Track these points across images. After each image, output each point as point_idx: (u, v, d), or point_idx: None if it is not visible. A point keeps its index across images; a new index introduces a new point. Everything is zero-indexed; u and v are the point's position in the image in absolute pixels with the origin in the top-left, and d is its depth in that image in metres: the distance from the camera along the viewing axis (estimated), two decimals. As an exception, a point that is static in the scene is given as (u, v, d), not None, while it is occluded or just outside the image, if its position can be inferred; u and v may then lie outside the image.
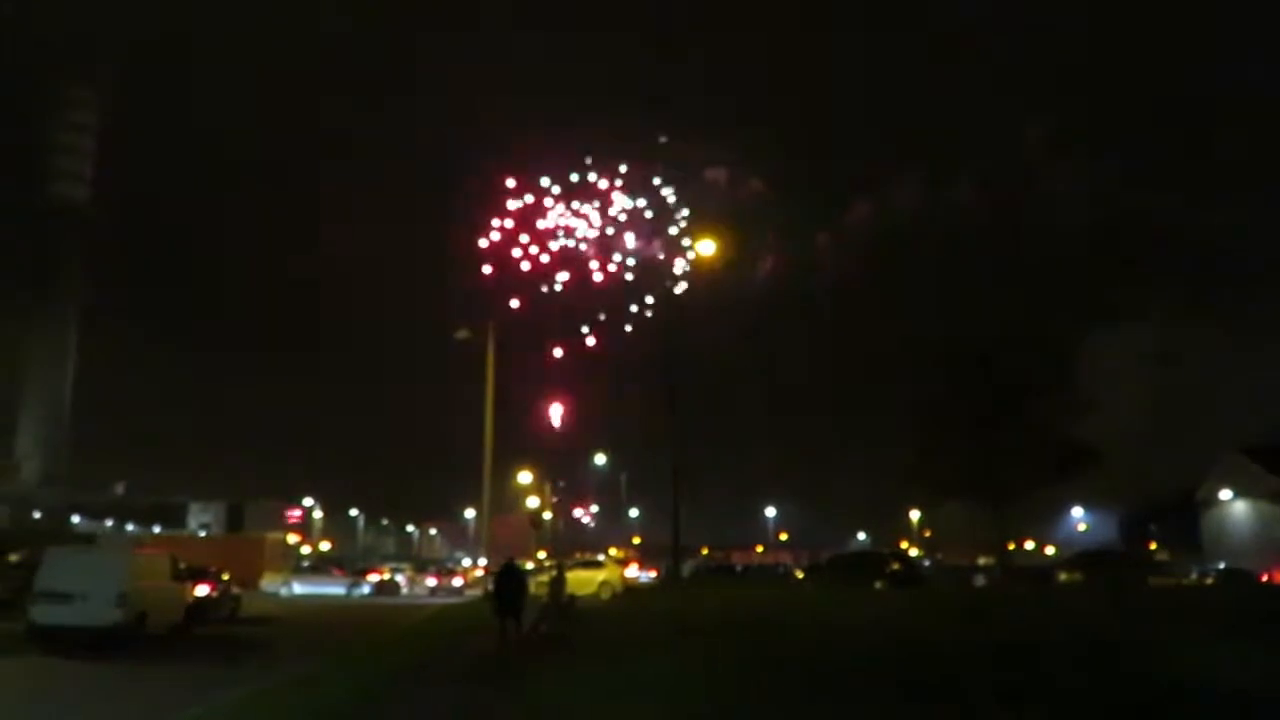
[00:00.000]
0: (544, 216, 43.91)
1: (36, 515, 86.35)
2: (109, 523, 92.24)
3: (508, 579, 20.13)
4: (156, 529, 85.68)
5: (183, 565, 24.12)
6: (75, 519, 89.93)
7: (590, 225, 43.48)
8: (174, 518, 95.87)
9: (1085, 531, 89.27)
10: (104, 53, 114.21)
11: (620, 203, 44.10)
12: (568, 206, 43.84)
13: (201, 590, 26.00)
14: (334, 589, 46.34)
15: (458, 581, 53.17)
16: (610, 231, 43.60)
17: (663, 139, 43.13)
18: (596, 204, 43.59)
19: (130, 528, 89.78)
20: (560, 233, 44.05)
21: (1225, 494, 61.28)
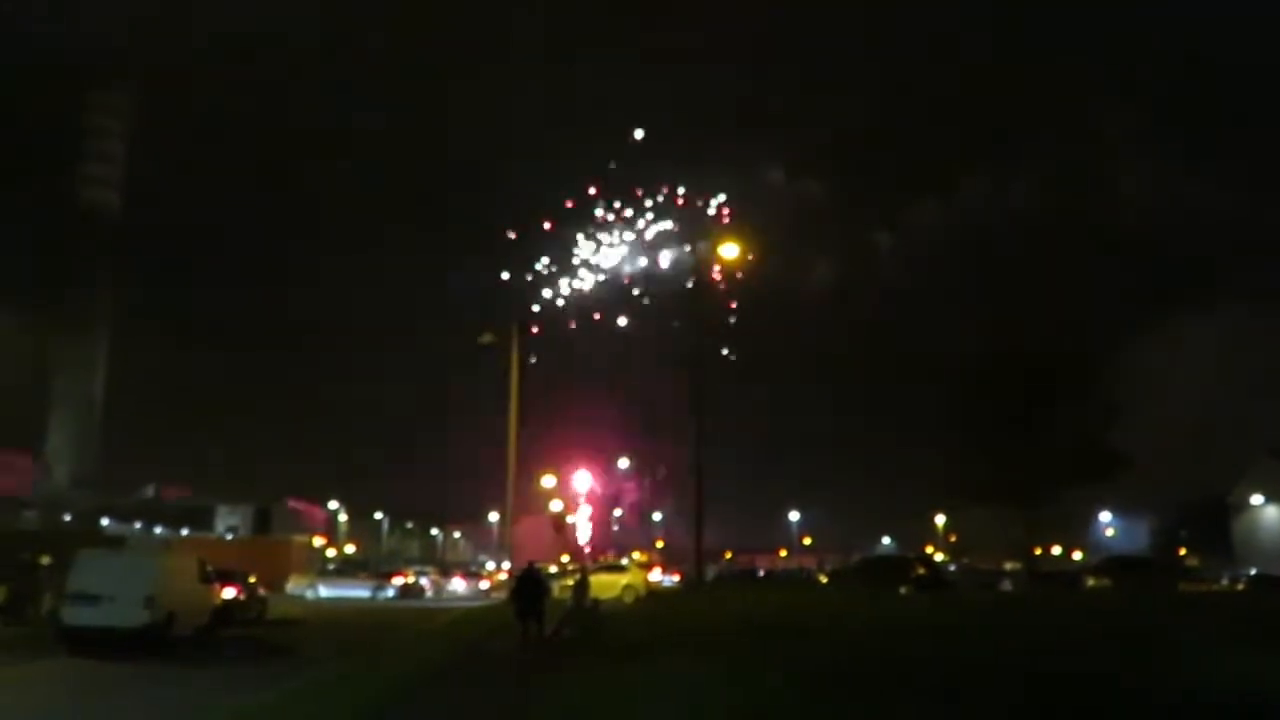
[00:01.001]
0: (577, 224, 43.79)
1: (67, 517, 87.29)
2: (138, 525, 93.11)
3: (528, 582, 20.20)
4: (184, 531, 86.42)
5: (210, 568, 24.33)
6: (105, 521, 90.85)
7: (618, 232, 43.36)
8: (202, 520, 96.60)
9: (1114, 537, 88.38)
10: (135, 57, 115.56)
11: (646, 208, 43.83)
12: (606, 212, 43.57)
13: (229, 593, 26.20)
14: (359, 592, 46.61)
15: (484, 584, 53.38)
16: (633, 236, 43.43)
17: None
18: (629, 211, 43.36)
19: (159, 530, 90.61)
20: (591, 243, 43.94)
21: (1257, 499, 60.52)
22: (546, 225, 42.85)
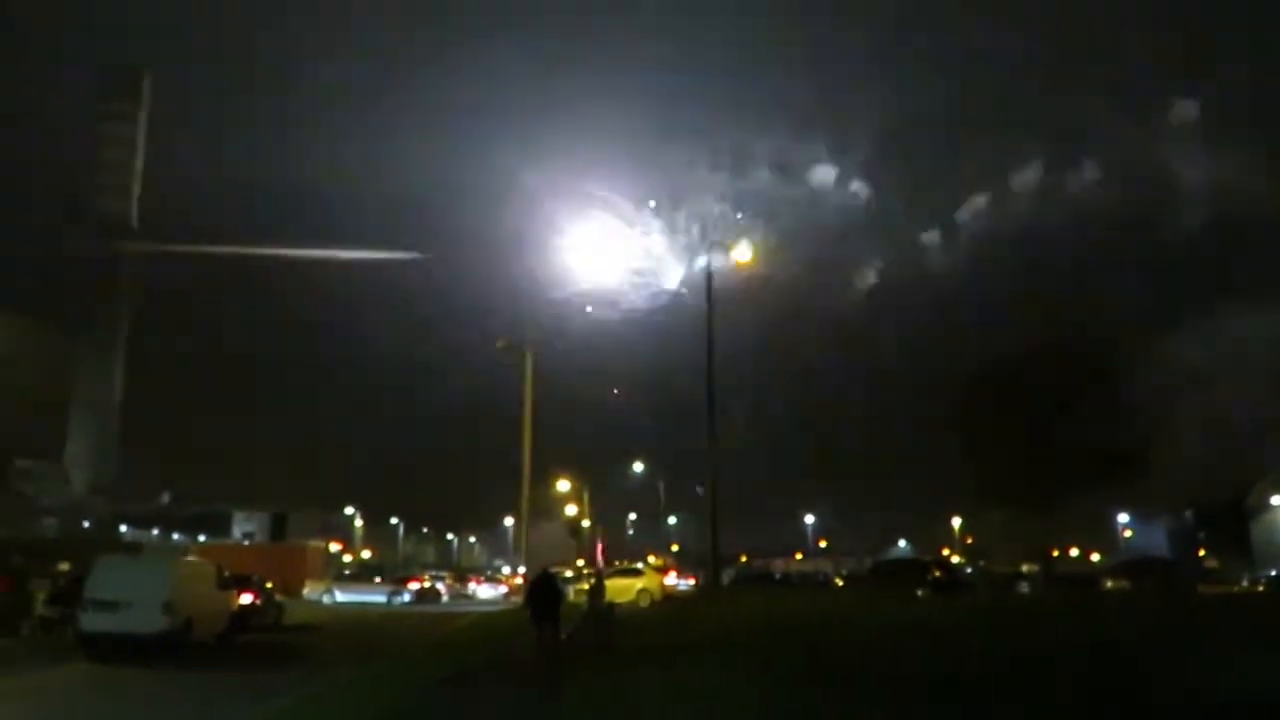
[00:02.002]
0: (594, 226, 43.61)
1: (85, 524, 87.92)
2: (155, 532, 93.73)
3: (543, 587, 20.21)
4: (201, 538, 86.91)
5: (227, 573, 24.44)
6: (122, 528, 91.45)
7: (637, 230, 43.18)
8: (219, 526, 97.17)
9: (1132, 538, 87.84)
10: (151, 68, 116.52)
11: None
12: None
13: (245, 598, 26.31)
14: (375, 597, 46.74)
15: (502, 590, 53.52)
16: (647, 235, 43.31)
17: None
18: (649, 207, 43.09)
19: (176, 537, 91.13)
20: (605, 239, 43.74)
21: (1276, 500, 60.07)
22: (566, 226, 42.75)
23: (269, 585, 30.10)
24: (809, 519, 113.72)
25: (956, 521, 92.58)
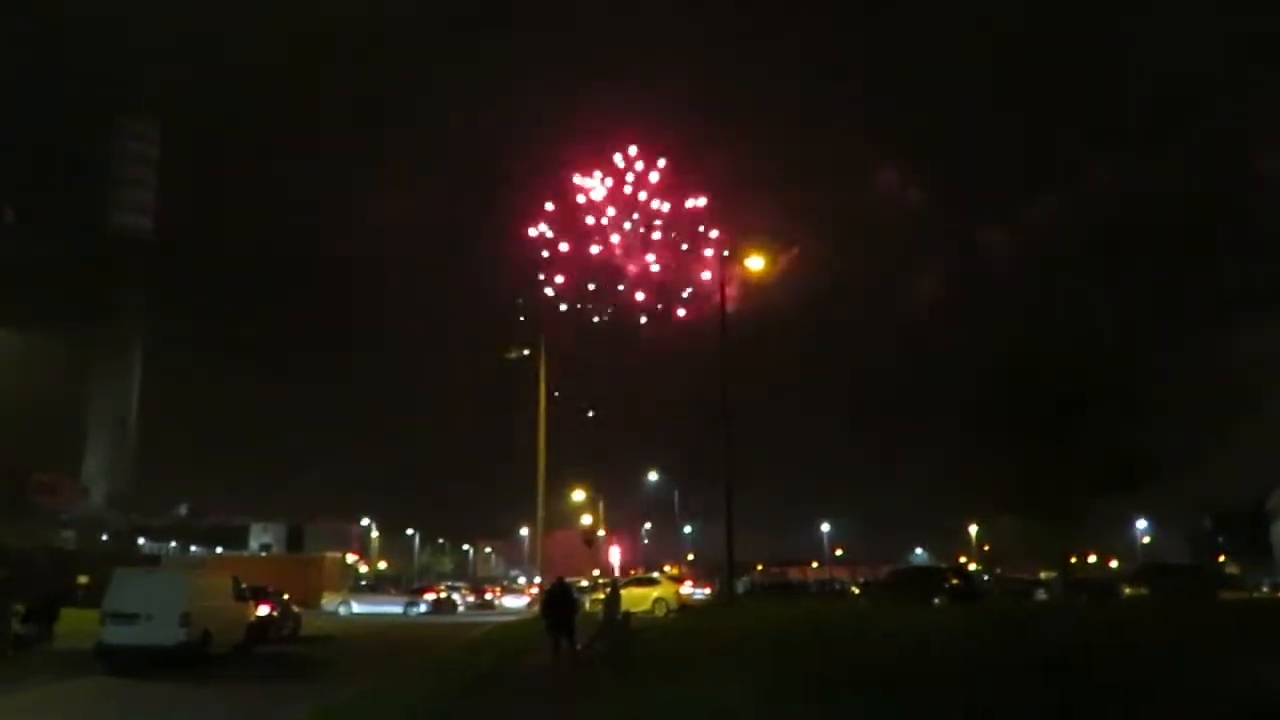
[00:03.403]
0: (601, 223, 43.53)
1: (104, 537, 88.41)
2: (173, 544, 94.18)
3: (558, 597, 20.21)
4: (219, 550, 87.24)
5: (244, 585, 24.53)
6: (140, 540, 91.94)
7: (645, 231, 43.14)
8: (236, 538, 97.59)
9: (1150, 544, 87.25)
10: (166, 84, 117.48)
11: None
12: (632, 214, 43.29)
13: (263, 610, 26.39)
14: (391, 608, 46.85)
15: (525, 599, 53.54)
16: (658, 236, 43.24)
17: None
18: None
19: (194, 549, 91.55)
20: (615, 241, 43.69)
21: (1297, 504, 59.49)
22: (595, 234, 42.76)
23: (286, 597, 30.19)
24: (825, 527, 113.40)
25: (974, 529, 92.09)
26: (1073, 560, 53.45)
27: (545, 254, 44.12)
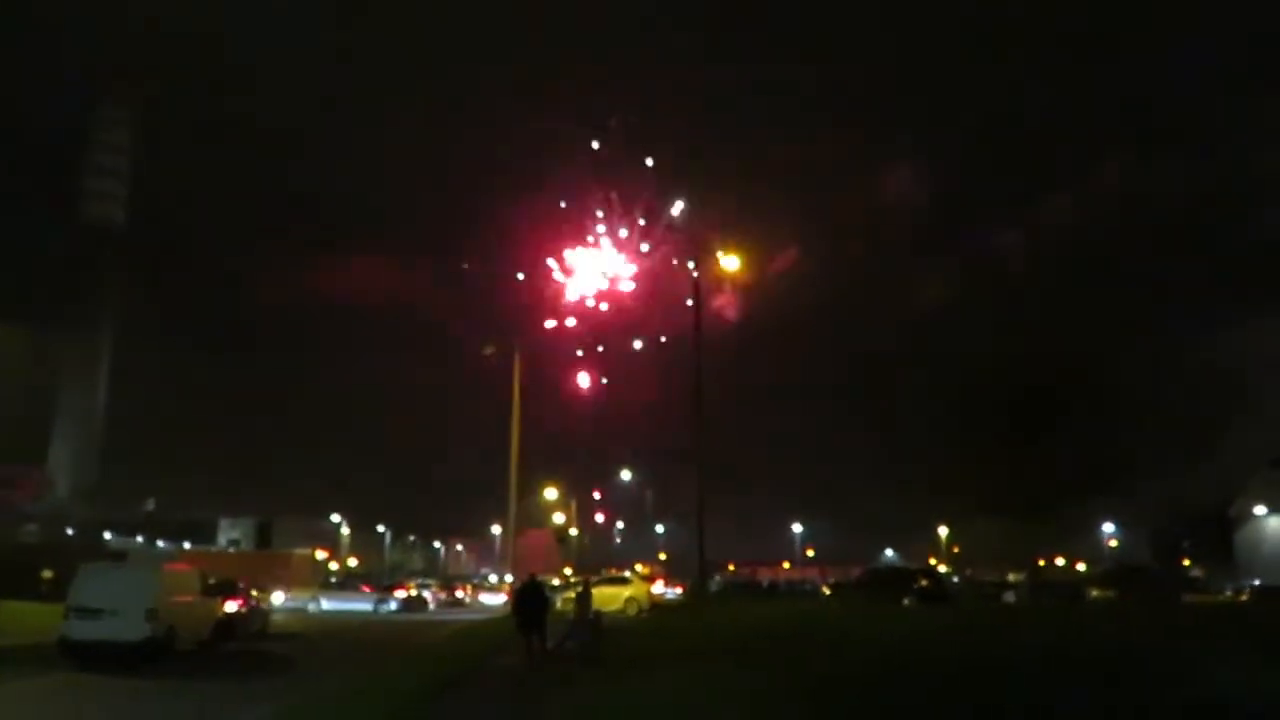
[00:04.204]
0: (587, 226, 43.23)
1: (69, 531, 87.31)
2: (139, 538, 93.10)
3: (530, 595, 20.17)
4: (186, 545, 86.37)
5: (212, 581, 24.30)
6: (106, 535, 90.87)
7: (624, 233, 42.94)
8: (204, 534, 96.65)
9: (1116, 547, 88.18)
10: (140, 72, 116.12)
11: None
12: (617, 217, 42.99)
13: (231, 606, 26.17)
14: (361, 605, 46.57)
15: (502, 597, 53.34)
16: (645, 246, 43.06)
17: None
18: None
19: (160, 543, 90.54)
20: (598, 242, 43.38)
21: (1260, 509, 60.34)
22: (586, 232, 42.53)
23: (254, 593, 29.95)
24: (797, 528, 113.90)
25: (944, 530, 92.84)
26: (1041, 563, 54.02)
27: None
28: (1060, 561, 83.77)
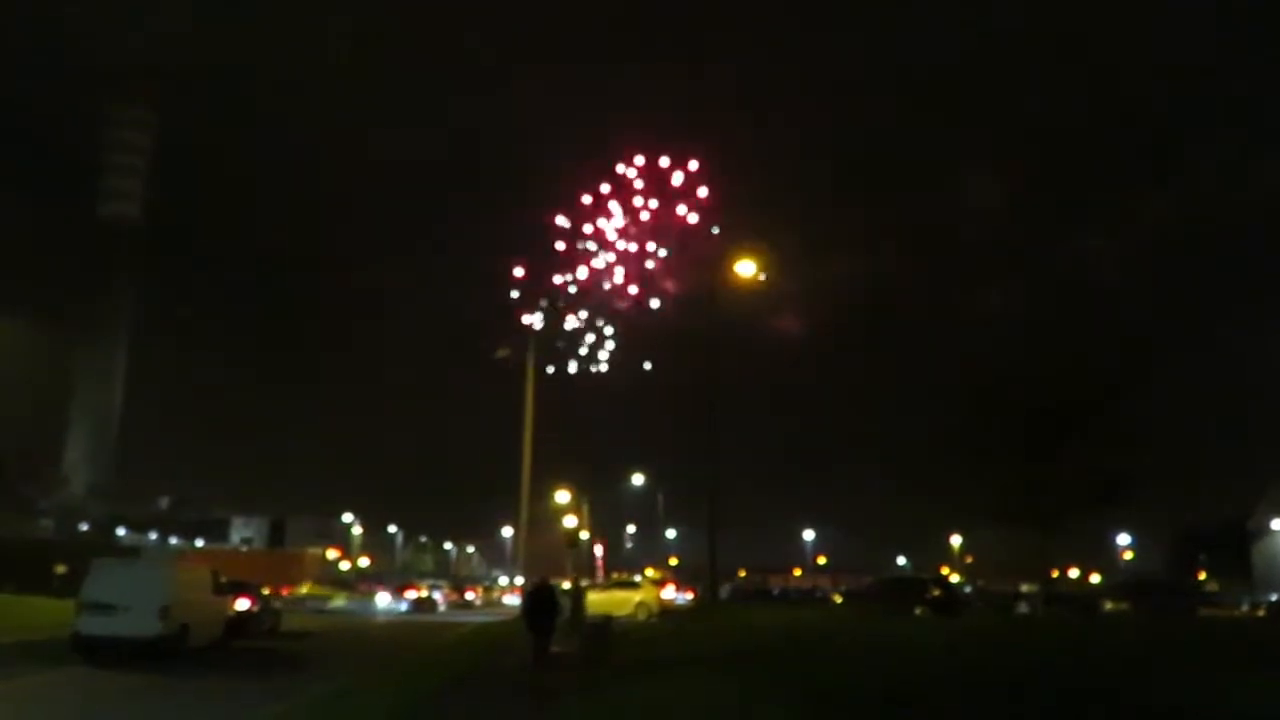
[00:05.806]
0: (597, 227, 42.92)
1: (83, 527, 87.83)
2: (153, 535, 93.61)
3: (540, 598, 20.13)
4: (199, 543, 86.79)
5: (224, 579, 24.38)
6: (120, 531, 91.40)
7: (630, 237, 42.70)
8: (217, 532, 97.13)
9: (1132, 559, 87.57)
10: (159, 75, 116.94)
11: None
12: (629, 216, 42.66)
13: (242, 604, 26.24)
14: (372, 605, 46.65)
15: (513, 599, 53.43)
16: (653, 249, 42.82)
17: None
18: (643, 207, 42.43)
19: (174, 541, 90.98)
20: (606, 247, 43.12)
21: (1277, 524, 59.81)
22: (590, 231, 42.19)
23: (266, 591, 30.03)
24: (808, 535, 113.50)
25: (956, 540, 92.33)
26: (1054, 574, 53.66)
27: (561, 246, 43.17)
28: (1074, 573, 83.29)
